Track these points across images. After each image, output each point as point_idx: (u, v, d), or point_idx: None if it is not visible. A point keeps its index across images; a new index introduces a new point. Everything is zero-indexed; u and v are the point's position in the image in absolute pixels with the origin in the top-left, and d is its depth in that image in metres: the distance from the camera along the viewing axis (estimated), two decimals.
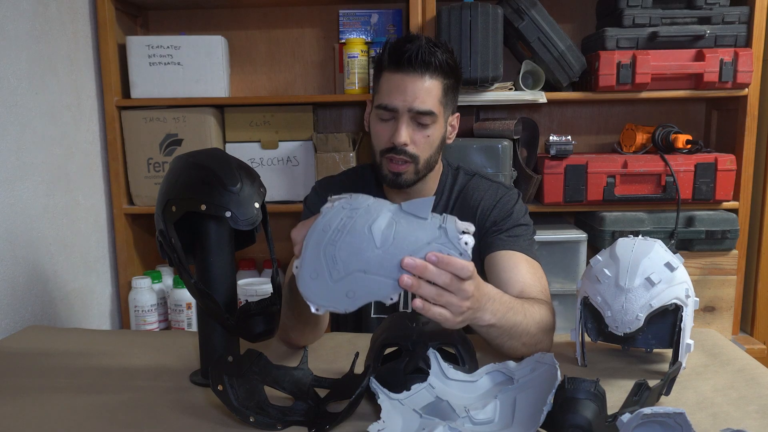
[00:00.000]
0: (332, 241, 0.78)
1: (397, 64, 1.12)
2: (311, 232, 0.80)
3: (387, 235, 0.77)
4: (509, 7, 1.81)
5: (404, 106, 1.12)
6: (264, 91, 2.18)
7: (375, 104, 1.17)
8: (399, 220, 0.79)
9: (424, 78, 1.12)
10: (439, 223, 0.79)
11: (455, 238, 0.78)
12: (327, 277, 0.78)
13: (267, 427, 0.83)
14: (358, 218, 0.78)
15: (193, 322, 1.84)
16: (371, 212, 0.79)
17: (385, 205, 0.81)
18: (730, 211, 1.86)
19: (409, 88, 1.12)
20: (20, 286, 1.48)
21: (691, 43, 1.82)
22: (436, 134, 1.16)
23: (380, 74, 1.17)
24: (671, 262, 0.95)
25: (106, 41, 1.88)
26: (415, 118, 1.13)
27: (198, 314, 0.99)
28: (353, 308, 0.78)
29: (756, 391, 0.93)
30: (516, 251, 1.15)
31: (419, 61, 1.11)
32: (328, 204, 0.82)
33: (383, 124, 1.16)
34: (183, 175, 0.90)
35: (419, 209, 0.79)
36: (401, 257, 0.76)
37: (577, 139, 2.03)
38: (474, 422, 0.79)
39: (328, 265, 0.78)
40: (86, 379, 1.02)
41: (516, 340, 0.98)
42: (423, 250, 0.77)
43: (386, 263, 0.77)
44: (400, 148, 1.14)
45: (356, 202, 0.81)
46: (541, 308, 1.04)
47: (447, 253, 0.77)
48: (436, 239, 0.78)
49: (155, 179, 1.94)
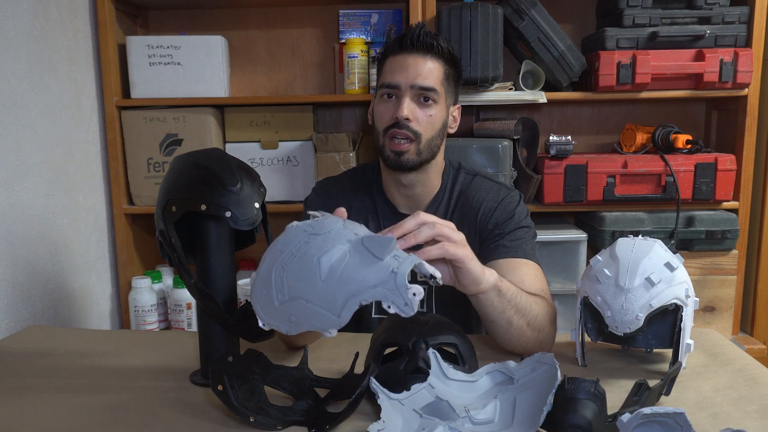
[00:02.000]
0: (283, 264, 0.77)
1: (401, 46, 1.17)
2: (270, 249, 0.80)
3: (335, 269, 0.75)
4: (509, 7, 1.81)
5: (406, 83, 1.15)
6: (264, 91, 2.18)
7: (378, 85, 1.20)
8: (354, 255, 0.76)
9: (426, 58, 1.16)
10: (393, 267, 0.76)
11: (402, 287, 0.74)
12: (274, 297, 0.77)
13: (267, 427, 0.83)
14: (313, 245, 0.77)
15: (193, 322, 1.84)
16: (327, 241, 0.77)
17: (348, 235, 0.79)
18: (730, 211, 1.86)
19: (411, 66, 1.15)
20: (20, 286, 1.48)
21: (691, 43, 1.82)
22: (437, 115, 1.18)
23: (383, 61, 1.20)
24: (671, 262, 0.95)
25: (106, 41, 1.88)
26: (417, 95, 1.16)
27: (198, 314, 0.99)
28: (295, 332, 0.77)
29: (756, 391, 0.93)
30: (518, 258, 1.16)
31: (421, 42, 1.15)
32: (294, 222, 0.81)
33: (386, 103, 1.18)
34: (183, 175, 0.90)
35: (377, 248, 0.77)
36: (343, 294, 0.74)
37: (577, 139, 2.03)
38: (474, 422, 0.79)
39: (276, 286, 0.77)
40: (86, 379, 1.02)
41: (522, 317, 1.00)
42: (367, 293, 0.74)
43: (328, 297, 0.75)
44: (403, 123, 1.15)
45: (320, 227, 0.79)
46: (543, 300, 1.07)
47: (391, 300, 0.74)
48: (383, 283, 0.75)
49: (155, 179, 1.94)
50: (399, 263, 0.76)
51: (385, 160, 1.20)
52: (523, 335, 1.02)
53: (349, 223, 0.82)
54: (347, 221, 0.83)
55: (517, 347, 1.04)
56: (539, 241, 1.28)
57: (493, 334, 1.05)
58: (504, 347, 1.06)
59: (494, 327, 1.02)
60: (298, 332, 0.77)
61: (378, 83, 1.21)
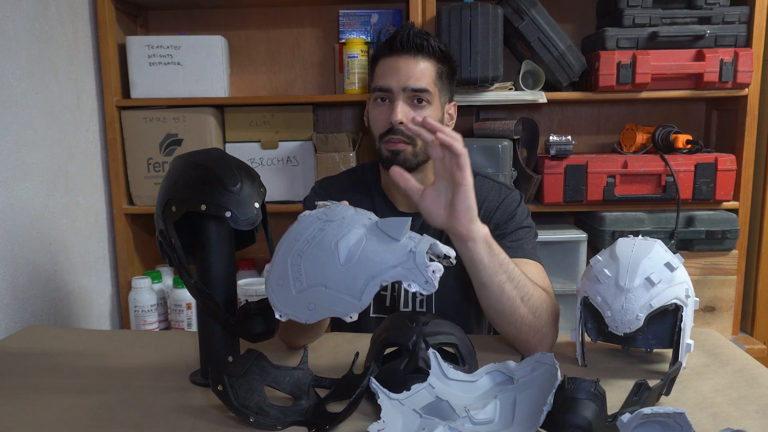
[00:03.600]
0: (300, 252, 0.77)
1: (391, 48, 1.16)
2: (284, 239, 0.80)
3: (353, 252, 0.76)
4: (509, 7, 1.81)
5: (398, 86, 1.14)
6: (264, 91, 2.18)
7: (371, 89, 1.20)
8: (370, 238, 0.77)
9: (417, 59, 1.16)
10: (410, 247, 0.77)
11: (422, 265, 0.75)
12: (291, 287, 0.77)
13: (267, 427, 0.83)
14: (329, 231, 0.77)
15: (193, 322, 1.84)
16: (343, 227, 0.77)
17: (362, 219, 0.79)
18: (730, 211, 1.86)
19: (402, 68, 1.15)
20: (20, 286, 1.48)
21: (691, 43, 1.82)
22: (432, 115, 1.17)
23: (375, 64, 1.20)
24: (671, 262, 0.95)
25: (106, 41, 1.88)
26: (410, 97, 1.15)
27: (198, 314, 0.99)
28: (314, 320, 0.78)
29: (756, 391, 0.93)
30: (519, 258, 1.15)
31: (411, 44, 1.15)
32: (306, 212, 0.81)
33: (380, 107, 1.18)
34: (183, 175, 0.90)
35: (393, 229, 0.77)
36: (363, 276, 0.75)
37: (577, 139, 2.03)
38: (474, 422, 0.79)
39: (293, 275, 0.77)
40: (86, 379, 1.02)
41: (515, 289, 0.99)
42: (386, 273, 0.75)
43: (348, 281, 0.75)
44: (397, 128, 1.14)
45: (333, 213, 0.79)
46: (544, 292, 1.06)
47: (411, 279, 0.75)
48: (402, 263, 0.76)
49: (155, 179, 1.94)
50: (416, 243, 0.77)
51: (382, 161, 1.20)
52: (517, 311, 1.00)
53: (360, 210, 0.83)
54: (358, 208, 0.83)
55: (512, 327, 1.01)
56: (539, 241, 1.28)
57: (485, 305, 1.03)
58: (498, 326, 1.04)
59: (486, 293, 1.00)
60: (317, 320, 0.77)
61: (371, 86, 1.21)
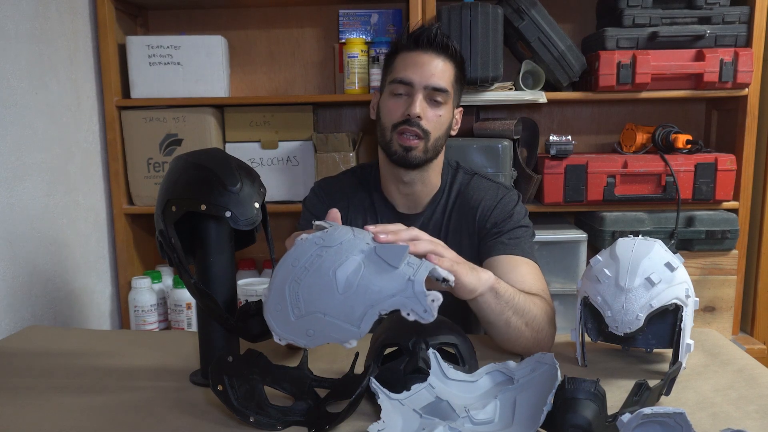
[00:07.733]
0: (297, 279, 0.77)
1: (416, 43, 1.16)
2: (281, 264, 0.79)
3: (351, 281, 0.75)
4: (509, 7, 1.81)
5: (420, 82, 1.15)
6: (264, 91, 2.18)
7: (389, 80, 1.19)
8: (369, 265, 0.76)
9: (440, 59, 1.16)
10: (409, 275, 0.76)
11: (421, 294, 0.75)
12: (289, 313, 0.77)
13: (267, 427, 0.83)
14: (327, 258, 0.76)
15: (193, 322, 1.84)
16: (341, 253, 0.77)
17: (360, 244, 0.78)
18: (730, 211, 1.86)
19: (426, 65, 1.15)
20: (20, 286, 1.48)
21: (691, 43, 1.82)
22: (446, 116, 1.18)
23: (395, 56, 1.19)
24: (671, 262, 0.95)
25: (106, 41, 1.88)
26: (429, 95, 1.16)
27: (198, 314, 0.99)
28: (312, 345, 0.77)
29: (756, 391, 0.93)
30: (516, 255, 1.16)
31: (437, 42, 1.15)
32: (303, 235, 0.80)
33: (396, 99, 1.17)
34: (183, 175, 0.90)
35: (391, 256, 0.77)
36: (362, 305, 0.75)
37: (577, 139, 2.03)
38: (474, 422, 0.79)
39: (291, 301, 0.77)
40: (86, 379, 1.02)
41: (520, 318, 1.00)
42: (385, 302, 0.75)
43: (346, 309, 0.75)
44: (414, 120, 1.14)
45: (331, 238, 0.78)
46: (542, 300, 1.07)
47: (410, 308, 0.75)
48: (401, 292, 0.75)
49: (155, 179, 1.94)
50: (414, 270, 0.77)
51: (391, 155, 1.19)
52: (522, 336, 1.01)
53: (358, 232, 0.81)
54: (356, 229, 0.82)
55: (516, 347, 1.04)
56: (539, 241, 1.28)
57: (491, 334, 1.05)
58: (503, 347, 1.06)
59: (492, 328, 1.02)
60: (316, 345, 0.77)
61: (388, 78, 1.20)
